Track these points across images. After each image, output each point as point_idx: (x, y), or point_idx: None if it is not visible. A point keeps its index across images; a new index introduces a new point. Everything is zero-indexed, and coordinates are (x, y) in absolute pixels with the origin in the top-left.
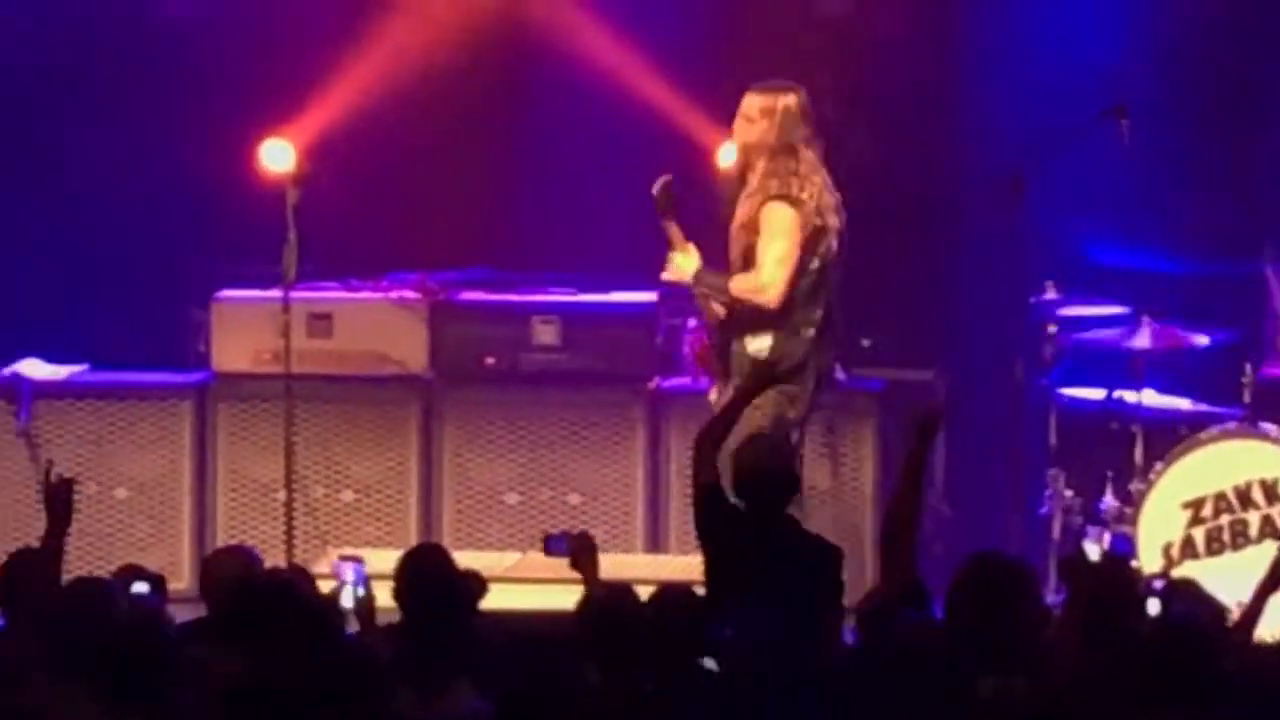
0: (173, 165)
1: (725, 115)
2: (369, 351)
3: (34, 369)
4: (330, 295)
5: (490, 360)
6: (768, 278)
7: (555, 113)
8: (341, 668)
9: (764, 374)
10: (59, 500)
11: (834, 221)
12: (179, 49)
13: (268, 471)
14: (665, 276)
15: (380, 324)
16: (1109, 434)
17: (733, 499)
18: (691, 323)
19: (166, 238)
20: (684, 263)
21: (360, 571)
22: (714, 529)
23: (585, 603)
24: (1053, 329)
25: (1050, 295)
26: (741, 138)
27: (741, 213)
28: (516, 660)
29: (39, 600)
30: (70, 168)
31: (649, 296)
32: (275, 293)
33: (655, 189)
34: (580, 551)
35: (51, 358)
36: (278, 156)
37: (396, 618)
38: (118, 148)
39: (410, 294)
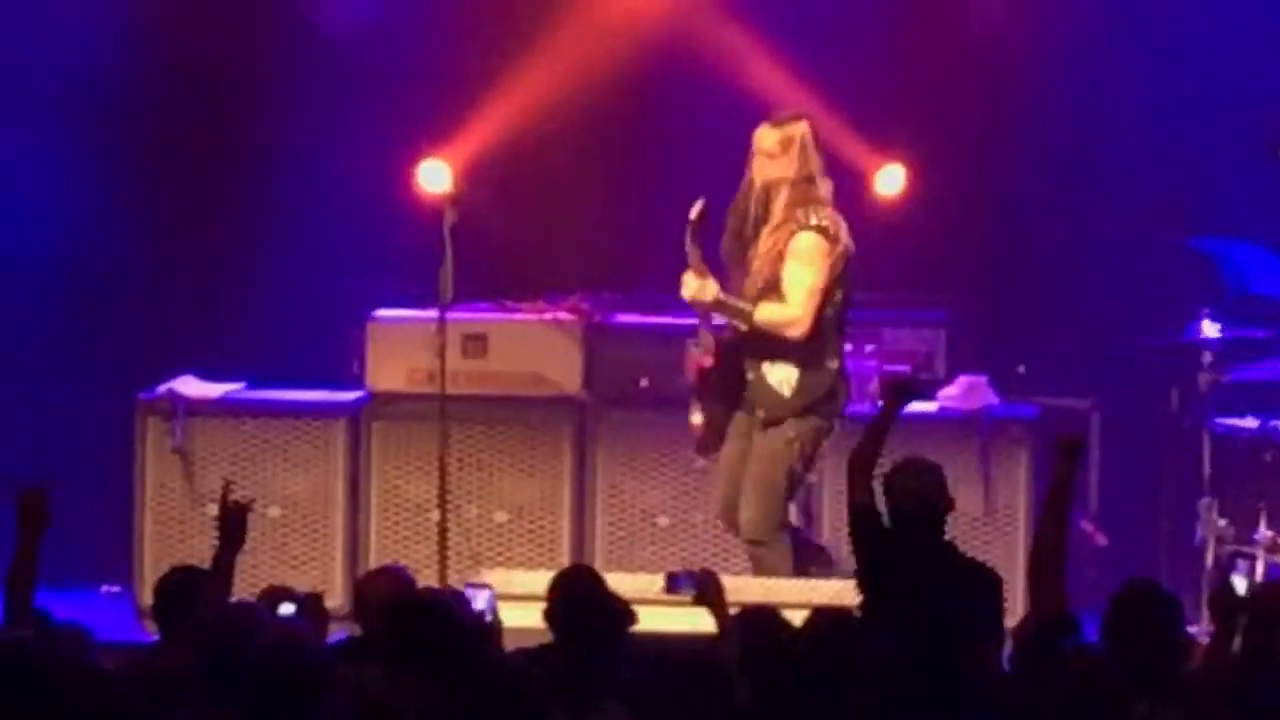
0: (330, 184)
1: (881, 140)
2: (524, 372)
3: (189, 387)
4: (486, 315)
5: (644, 382)
6: (799, 310)
7: (712, 135)
8: (494, 687)
9: (906, 390)
10: (234, 522)
11: (853, 247)
12: (337, 68)
13: (421, 491)
14: (684, 294)
15: (535, 345)
16: (1263, 464)
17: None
18: (693, 344)
19: (324, 257)
20: (704, 285)
21: (490, 598)
22: (868, 550)
23: (734, 623)
24: (1209, 358)
25: (1207, 324)
26: (762, 175)
27: (769, 244)
28: (667, 681)
29: (196, 619)
30: (227, 186)
31: None
32: (431, 313)
33: (693, 213)
34: (706, 589)
35: (207, 375)
36: (434, 177)
37: (545, 639)
38: (275, 167)
39: (565, 315)
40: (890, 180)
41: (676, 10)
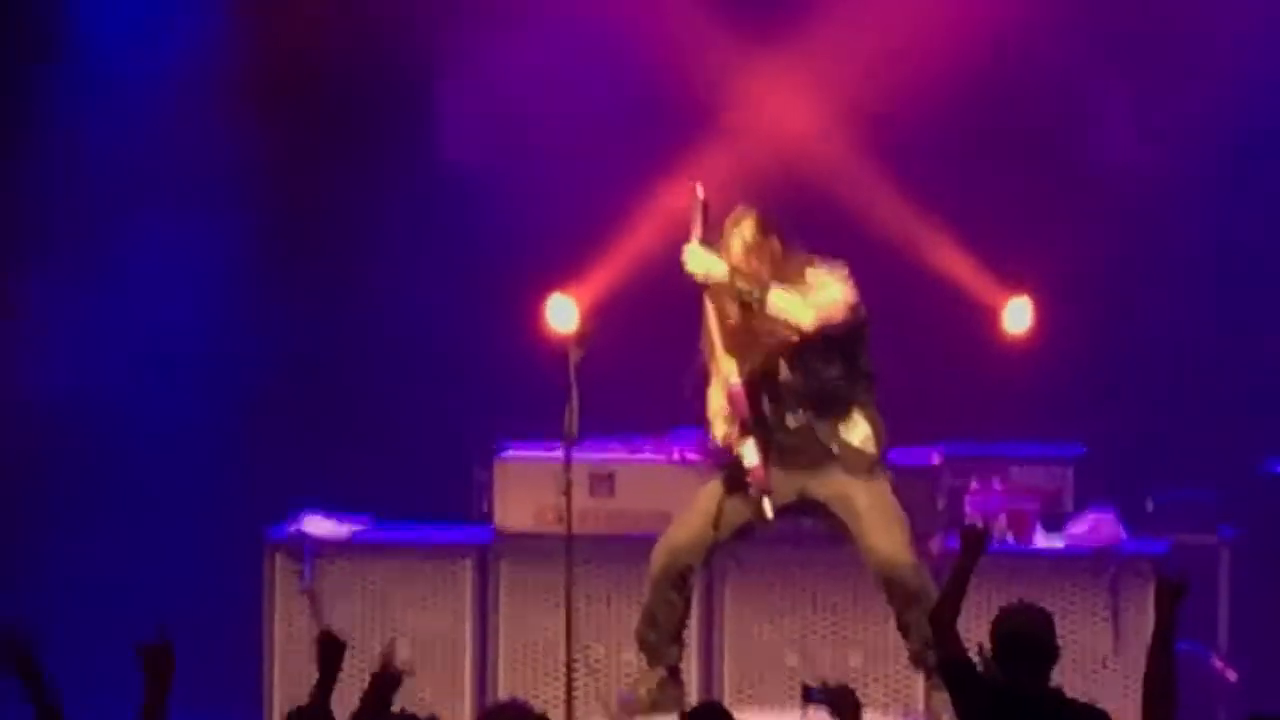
0: (457, 324)
1: (1007, 275)
2: (651, 511)
3: (317, 526)
4: (613, 455)
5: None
6: (842, 292)
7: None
8: None
9: (984, 542)
10: (328, 658)
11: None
12: (463, 207)
13: (549, 630)
14: (688, 263)
15: (663, 483)
16: None
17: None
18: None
19: (451, 396)
20: (713, 260)
21: None
22: (970, 706)
23: None
24: None
25: None
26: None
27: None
28: None
29: None
30: (351, 322)
31: (931, 456)
32: (558, 452)
33: (701, 192)
34: (842, 703)
35: (335, 514)
36: (561, 314)
37: None
38: (401, 302)
39: (693, 454)
40: (1018, 315)
41: (801, 139)
